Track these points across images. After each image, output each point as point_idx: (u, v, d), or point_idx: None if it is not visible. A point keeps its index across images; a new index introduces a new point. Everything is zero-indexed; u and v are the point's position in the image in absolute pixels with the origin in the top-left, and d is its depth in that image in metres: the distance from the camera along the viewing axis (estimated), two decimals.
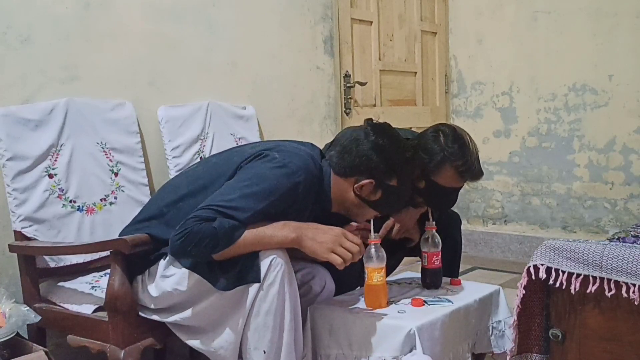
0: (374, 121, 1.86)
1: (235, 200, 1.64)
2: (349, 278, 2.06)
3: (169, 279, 1.75)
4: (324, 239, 1.67)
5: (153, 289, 1.78)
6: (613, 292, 1.54)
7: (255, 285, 1.63)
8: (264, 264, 1.63)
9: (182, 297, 1.74)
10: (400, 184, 1.82)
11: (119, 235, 1.86)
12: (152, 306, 1.80)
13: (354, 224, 1.92)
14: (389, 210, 1.96)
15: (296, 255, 1.77)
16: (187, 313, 1.75)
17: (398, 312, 1.81)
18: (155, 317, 1.81)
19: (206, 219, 1.60)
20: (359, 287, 2.07)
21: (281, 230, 1.67)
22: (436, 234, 2.04)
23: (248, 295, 1.64)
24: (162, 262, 1.77)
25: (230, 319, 1.69)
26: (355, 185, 1.79)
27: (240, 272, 1.64)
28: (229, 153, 1.90)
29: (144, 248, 1.75)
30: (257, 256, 1.64)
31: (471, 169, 1.98)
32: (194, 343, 1.78)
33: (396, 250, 2.26)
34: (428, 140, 1.99)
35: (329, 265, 1.95)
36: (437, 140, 1.98)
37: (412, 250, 2.30)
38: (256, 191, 1.66)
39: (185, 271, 1.71)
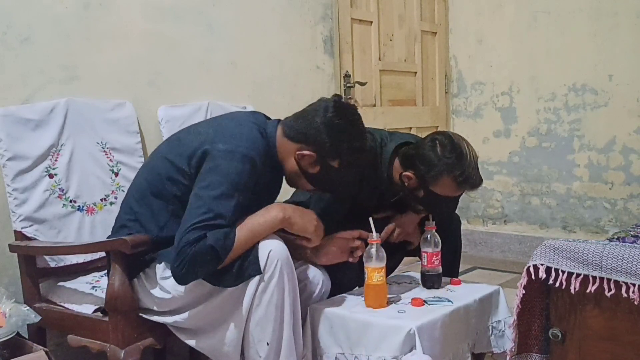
0: (342, 100, 1.85)
1: (211, 208, 1.63)
2: (348, 278, 2.06)
3: (167, 281, 1.75)
4: (308, 217, 1.77)
5: (153, 292, 1.78)
6: (613, 292, 1.54)
7: (255, 279, 1.64)
8: (262, 257, 1.64)
9: (183, 299, 1.74)
10: (341, 168, 1.81)
11: None
12: (155, 308, 1.81)
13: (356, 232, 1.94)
14: (323, 188, 1.91)
15: (292, 255, 1.77)
16: (189, 314, 1.75)
17: (398, 312, 1.81)
18: (155, 318, 1.81)
19: (198, 239, 1.59)
20: (357, 287, 2.07)
21: (267, 214, 1.70)
22: (436, 233, 2.04)
23: (248, 290, 1.65)
24: (159, 266, 1.77)
25: (232, 315, 1.69)
26: (297, 153, 1.79)
27: (240, 267, 1.65)
28: (178, 141, 1.85)
29: (144, 248, 1.75)
30: (255, 249, 1.65)
31: (469, 180, 1.97)
32: (196, 344, 1.78)
33: (395, 252, 2.26)
34: (425, 150, 1.98)
35: (326, 265, 1.96)
36: (434, 150, 1.97)
37: (412, 250, 2.30)
38: (224, 190, 1.65)
39: None
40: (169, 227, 1.76)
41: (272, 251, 1.64)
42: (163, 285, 1.76)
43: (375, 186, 2.13)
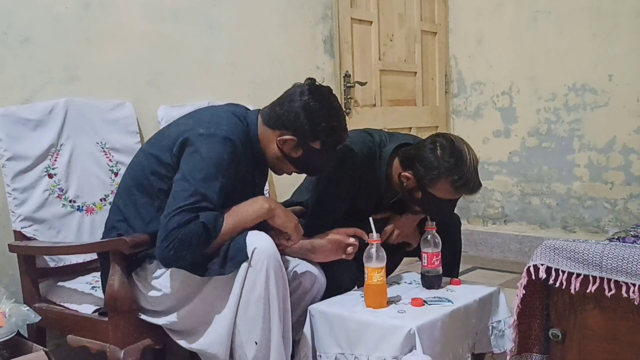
0: (316, 83, 1.87)
1: (197, 190, 1.63)
2: (347, 278, 2.06)
3: (159, 279, 1.75)
4: (290, 214, 1.79)
5: (145, 292, 1.79)
6: (613, 292, 1.54)
7: (242, 275, 1.63)
8: (249, 247, 1.63)
9: (173, 296, 1.74)
10: (322, 149, 1.83)
11: None
12: (148, 307, 1.81)
13: (350, 230, 1.95)
14: (308, 171, 1.98)
15: (286, 252, 1.77)
16: (178, 314, 1.75)
17: (398, 312, 1.81)
18: (149, 319, 1.81)
19: (189, 221, 1.60)
20: (357, 287, 2.07)
21: (254, 204, 1.72)
22: (436, 234, 2.04)
23: (235, 285, 1.64)
24: (150, 265, 1.77)
25: (220, 314, 1.69)
26: (278, 139, 1.81)
27: (225, 255, 1.64)
28: (160, 135, 1.88)
29: (144, 248, 1.75)
30: (242, 240, 1.64)
31: (467, 184, 1.97)
32: (187, 344, 1.78)
33: (394, 253, 2.26)
34: (425, 151, 1.98)
35: (323, 265, 1.96)
36: (434, 152, 1.96)
37: (412, 251, 2.30)
38: (207, 173, 1.66)
39: (172, 270, 1.72)
40: (155, 223, 1.75)
41: (258, 247, 1.63)
42: (155, 284, 1.77)
43: (373, 186, 2.13)
